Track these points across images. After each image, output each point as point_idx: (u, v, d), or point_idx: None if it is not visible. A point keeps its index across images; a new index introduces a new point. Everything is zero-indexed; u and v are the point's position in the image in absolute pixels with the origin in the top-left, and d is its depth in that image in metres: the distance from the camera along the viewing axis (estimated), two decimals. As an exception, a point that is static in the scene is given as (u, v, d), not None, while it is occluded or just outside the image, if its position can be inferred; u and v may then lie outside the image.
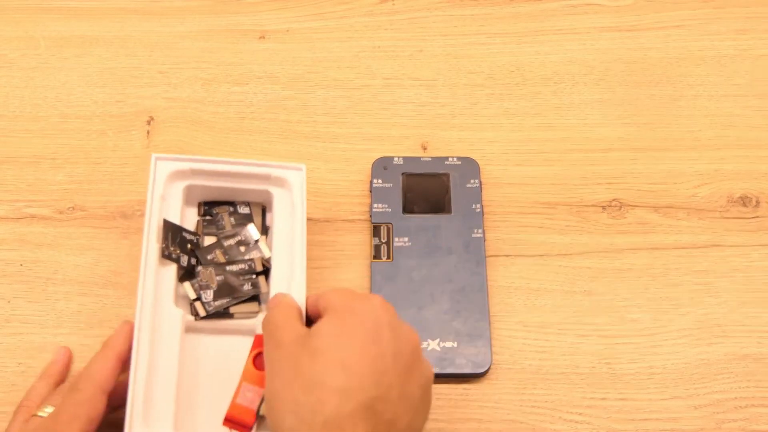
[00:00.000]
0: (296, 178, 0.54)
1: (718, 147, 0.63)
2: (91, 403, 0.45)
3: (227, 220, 0.55)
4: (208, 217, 0.55)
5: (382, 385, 0.39)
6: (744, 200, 0.60)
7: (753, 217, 0.59)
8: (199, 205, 0.56)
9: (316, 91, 0.66)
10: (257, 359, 0.47)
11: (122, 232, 0.58)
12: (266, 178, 0.54)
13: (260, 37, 0.69)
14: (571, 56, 0.68)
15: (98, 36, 0.69)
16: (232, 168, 0.54)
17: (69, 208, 0.60)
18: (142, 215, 0.59)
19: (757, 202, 0.60)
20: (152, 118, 0.64)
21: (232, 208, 0.56)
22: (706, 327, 0.55)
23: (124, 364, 0.47)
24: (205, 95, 0.65)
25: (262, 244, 0.54)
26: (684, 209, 0.60)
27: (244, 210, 0.56)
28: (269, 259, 0.53)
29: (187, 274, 0.52)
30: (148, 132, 0.63)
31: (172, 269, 0.51)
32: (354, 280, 0.56)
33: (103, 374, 0.46)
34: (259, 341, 0.48)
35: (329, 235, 0.58)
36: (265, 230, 0.55)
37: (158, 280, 0.50)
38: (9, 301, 0.55)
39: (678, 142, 0.63)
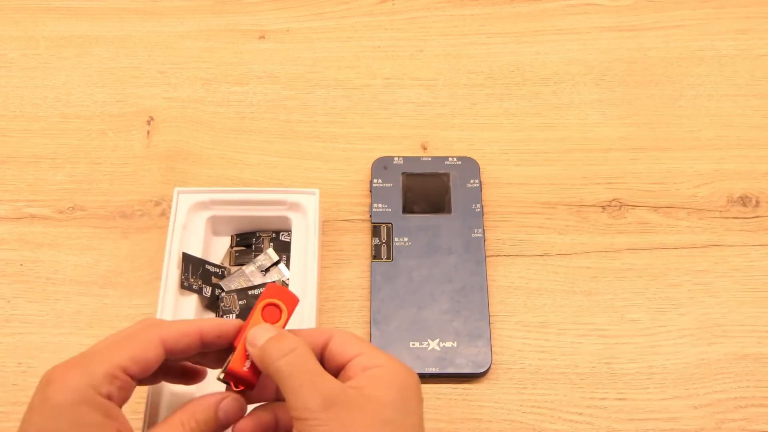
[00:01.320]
0: (310, 201, 0.55)
1: (718, 147, 0.63)
2: (141, 344, 0.38)
3: (266, 244, 0.56)
4: (241, 248, 0.57)
5: None
6: (744, 200, 0.60)
7: (753, 217, 0.59)
8: (232, 237, 0.57)
9: (316, 91, 0.66)
10: (267, 310, 0.41)
11: (122, 232, 0.58)
12: (283, 204, 0.55)
13: (260, 37, 0.69)
14: (571, 56, 0.68)
15: (98, 36, 0.69)
16: (248, 196, 0.55)
17: (69, 208, 0.60)
18: (143, 215, 0.59)
19: (757, 202, 0.60)
20: (152, 118, 0.64)
21: (274, 234, 0.57)
22: (706, 327, 0.55)
23: (202, 344, 0.40)
24: (205, 95, 0.65)
25: (282, 267, 0.55)
26: (684, 209, 0.60)
27: (285, 238, 0.57)
28: (288, 280, 0.54)
29: (211, 303, 0.54)
30: (148, 132, 0.63)
31: (192, 298, 0.53)
32: (354, 280, 0.56)
33: (172, 329, 0.39)
34: (270, 292, 0.41)
35: (329, 235, 0.58)
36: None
37: (180, 304, 0.52)
38: (9, 301, 0.55)
39: (678, 142, 0.63)
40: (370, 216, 0.58)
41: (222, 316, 0.52)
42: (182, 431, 0.38)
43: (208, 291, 0.53)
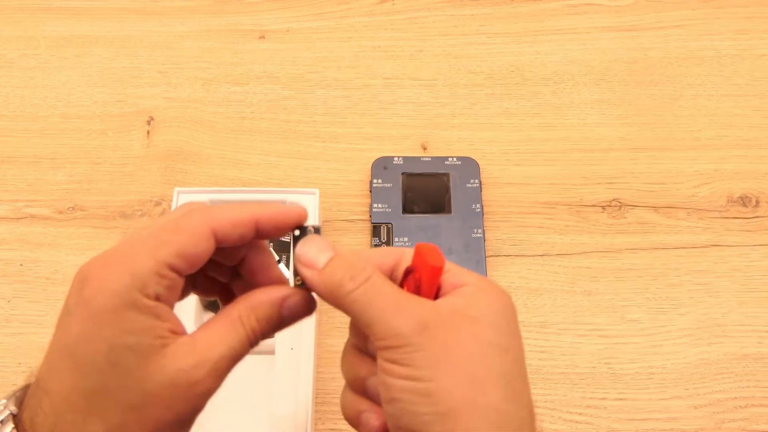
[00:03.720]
0: (310, 201, 0.55)
1: (718, 147, 0.63)
2: (190, 237, 0.31)
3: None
4: None
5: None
6: (744, 200, 0.60)
7: (753, 217, 0.59)
8: None
9: (316, 91, 0.66)
10: (408, 281, 0.32)
11: (122, 232, 0.58)
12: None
13: (260, 37, 0.69)
14: (571, 56, 0.68)
15: (98, 36, 0.69)
16: (247, 196, 0.55)
17: (69, 208, 0.60)
18: (143, 215, 0.59)
19: (757, 202, 0.60)
20: (152, 118, 0.64)
21: None
22: (706, 327, 0.55)
23: (257, 233, 0.34)
24: (205, 95, 0.65)
25: (282, 267, 0.55)
26: (684, 209, 0.60)
27: (285, 238, 0.56)
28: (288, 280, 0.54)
29: (211, 303, 0.53)
30: (148, 132, 0.63)
31: (192, 297, 0.52)
32: (354, 280, 0.56)
33: (224, 217, 0.32)
34: (421, 261, 0.31)
35: (329, 235, 0.58)
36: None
37: (179, 305, 0.51)
38: (9, 301, 0.55)
39: (678, 142, 0.63)
40: (370, 216, 0.58)
41: None
42: (241, 329, 0.32)
43: None
